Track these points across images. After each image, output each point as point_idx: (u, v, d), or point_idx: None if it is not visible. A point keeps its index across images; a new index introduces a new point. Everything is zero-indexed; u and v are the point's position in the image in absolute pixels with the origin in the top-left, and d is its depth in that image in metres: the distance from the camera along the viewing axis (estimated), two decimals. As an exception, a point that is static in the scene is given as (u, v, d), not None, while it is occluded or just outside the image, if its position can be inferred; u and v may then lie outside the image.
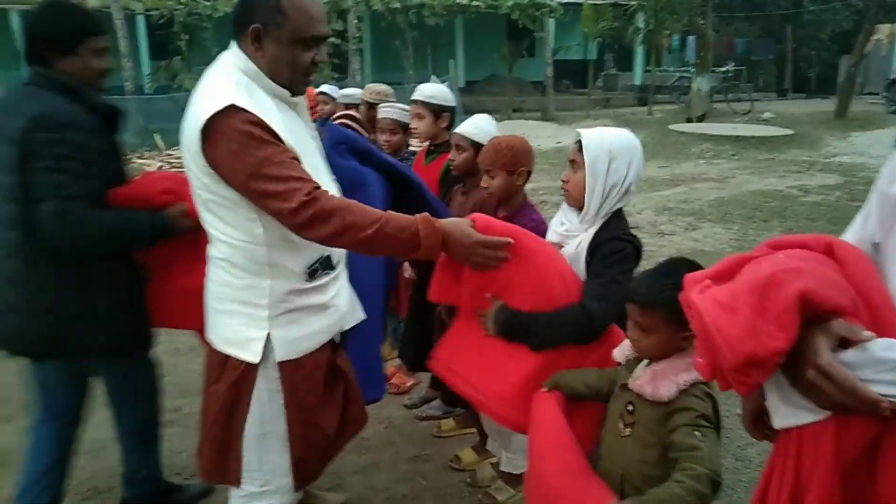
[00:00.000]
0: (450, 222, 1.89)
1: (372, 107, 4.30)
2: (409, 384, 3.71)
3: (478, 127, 2.89)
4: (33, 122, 2.01)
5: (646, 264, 5.78)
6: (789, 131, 13.83)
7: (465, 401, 2.17)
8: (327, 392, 2.03)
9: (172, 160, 11.18)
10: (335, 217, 1.72)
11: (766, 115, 15.94)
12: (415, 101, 3.30)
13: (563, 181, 2.10)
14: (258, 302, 1.87)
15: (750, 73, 22.87)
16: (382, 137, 3.63)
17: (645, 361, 1.73)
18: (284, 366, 1.90)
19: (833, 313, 1.08)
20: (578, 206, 2.08)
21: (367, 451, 3.16)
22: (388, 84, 4.60)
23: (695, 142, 13.20)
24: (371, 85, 4.72)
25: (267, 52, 1.83)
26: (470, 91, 19.72)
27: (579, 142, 2.05)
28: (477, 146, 2.83)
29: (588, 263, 2.02)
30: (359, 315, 2.20)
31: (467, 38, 20.05)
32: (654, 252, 6.33)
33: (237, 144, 1.70)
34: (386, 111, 3.63)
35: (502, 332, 1.97)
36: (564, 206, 2.18)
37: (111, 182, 2.20)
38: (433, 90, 3.33)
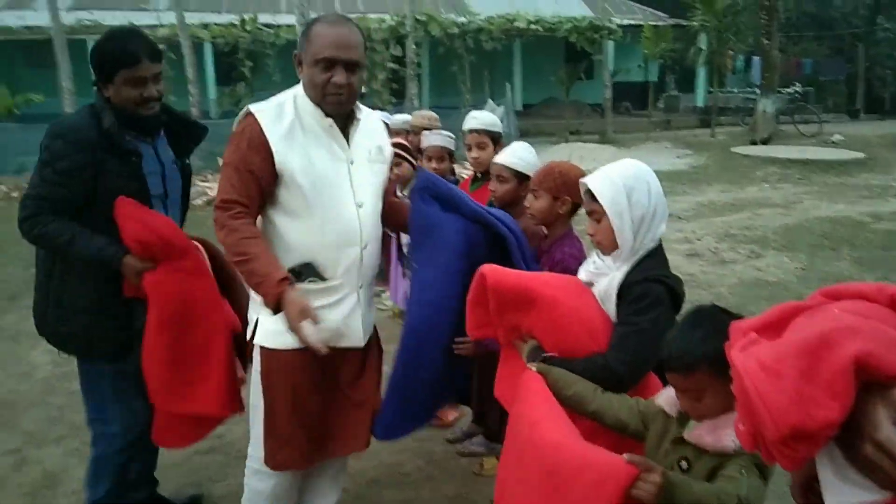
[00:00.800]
0: (292, 297, 1.93)
1: (419, 133, 4.30)
2: (451, 417, 3.62)
3: (519, 156, 2.81)
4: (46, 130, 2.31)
5: (705, 294, 5.58)
6: (861, 154, 13.26)
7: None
8: (304, 395, 2.18)
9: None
10: (223, 231, 2.04)
11: (836, 137, 15.34)
12: (475, 131, 3.24)
13: (591, 235, 1.99)
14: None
15: (818, 93, 22.13)
16: (430, 165, 3.60)
17: None
18: (263, 351, 2.18)
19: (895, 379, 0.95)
20: (613, 250, 1.98)
21: (405, 486, 3.09)
22: (445, 109, 4.57)
23: (759, 165, 12.78)
24: (419, 111, 4.70)
25: (303, 74, 2.14)
26: (527, 114, 19.65)
27: (588, 192, 1.95)
28: (520, 176, 2.76)
29: (618, 306, 1.92)
30: (354, 341, 2.26)
31: (525, 62, 20.02)
32: (715, 282, 6.10)
33: (234, 136, 2.11)
34: (432, 138, 3.60)
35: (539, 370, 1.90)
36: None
37: (107, 199, 2.31)
38: (490, 118, 3.30)
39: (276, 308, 1.93)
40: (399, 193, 4.25)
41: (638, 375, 1.85)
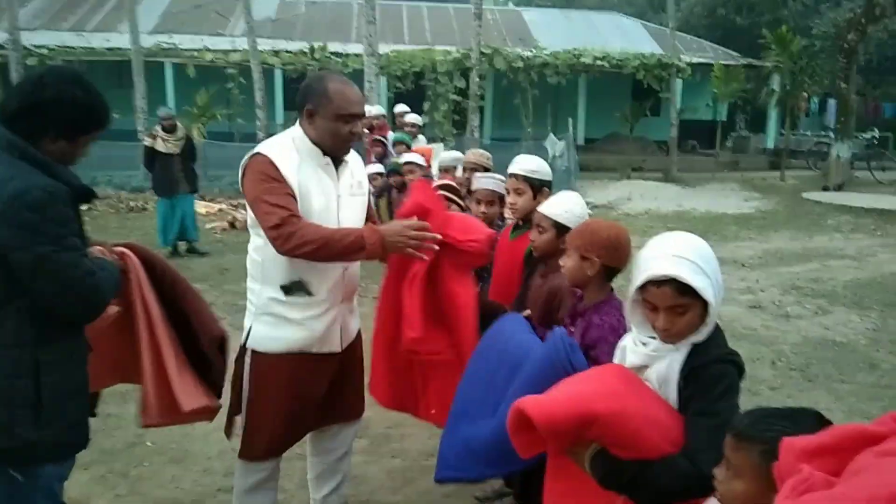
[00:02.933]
0: (385, 225, 2.53)
1: (472, 171, 4.20)
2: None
3: (563, 207, 2.65)
4: None
5: (765, 351, 5.27)
6: (943, 206, 12.53)
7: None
8: (290, 392, 2.54)
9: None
10: (294, 237, 2.29)
11: (916, 186, 14.59)
12: (514, 175, 3.11)
13: (665, 329, 1.74)
14: (253, 300, 2.57)
15: (898, 139, 21.19)
16: (479, 209, 3.49)
17: None
18: (254, 354, 2.54)
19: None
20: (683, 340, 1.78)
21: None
22: (506, 141, 4.46)
23: (831, 213, 12.22)
24: (473, 150, 4.61)
25: (316, 125, 2.47)
26: (589, 149, 19.42)
27: (664, 284, 1.69)
28: (560, 228, 2.60)
29: (681, 389, 1.72)
30: (333, 347, 2.62)
31: (589, 97, 19.83)
32: (777, 339, 5.76)
33: (254, 174, 2.40)
34: (483, 181, 3.48)
35: (603, 483, 1.72)
36: (636, 319, 1.86)
37: None
38: (534, 164, 3.14)
39: (384, 248, 2.40)
40: None
41: None
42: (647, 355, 1.82)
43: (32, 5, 21.41)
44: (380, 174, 6.45)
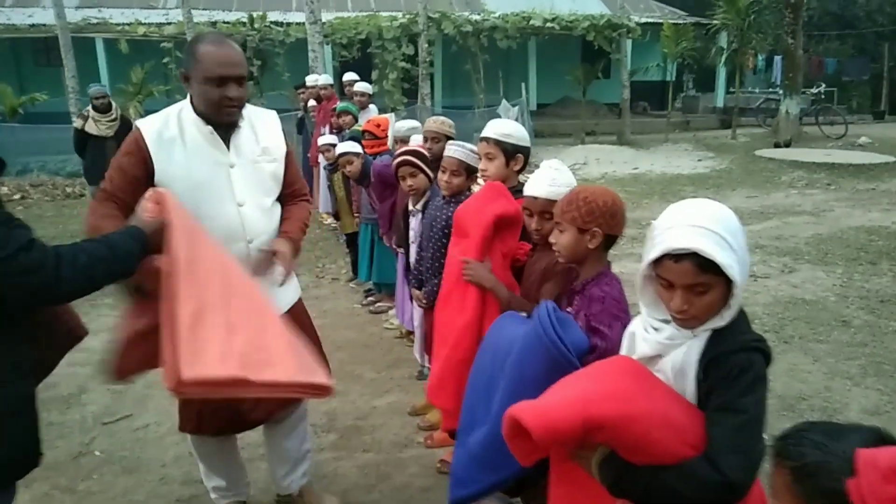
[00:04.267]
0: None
1: (438, 140, 3.94)
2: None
3: (561, 184, 2.38)
4: None
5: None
6: (890, 158, 12.72)
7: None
8: None
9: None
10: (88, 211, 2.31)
11: (863, 139, 14.80)
12: (486, 139, 2.85)
13: (682, 311, 1.50)
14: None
15: (842, 94, 21.54)
16: (443, 177, 3.24)
17: None
18: None
19: None
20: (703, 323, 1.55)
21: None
22: (459, 109, 4.21)
23: (785, 169, 12.30)
24: (433, 118, 4.31)
25: (192, 90, 2.34)
26: (542, 114, 19.22)
27: (683, 259, 1.46)
28: None
29: (699, 381, 1.50)
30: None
31: (540, 61, 19.56)
32: (748, 300, 5.66)
33: (123, 144, 2.38)
34: (451, 149, 3.22)
35: (614, 491, 1.50)
36: (647, 298, 1.63)
37: None
38: (507, 127, 2.86)
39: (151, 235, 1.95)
40: (412, 207, 3.88)
41: (752, 480, 1.42)
42: (660, 344, 1.60)
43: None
44: (332, 145, 6.10)
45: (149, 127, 2.33)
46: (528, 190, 2.43)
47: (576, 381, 1.58)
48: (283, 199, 2.60)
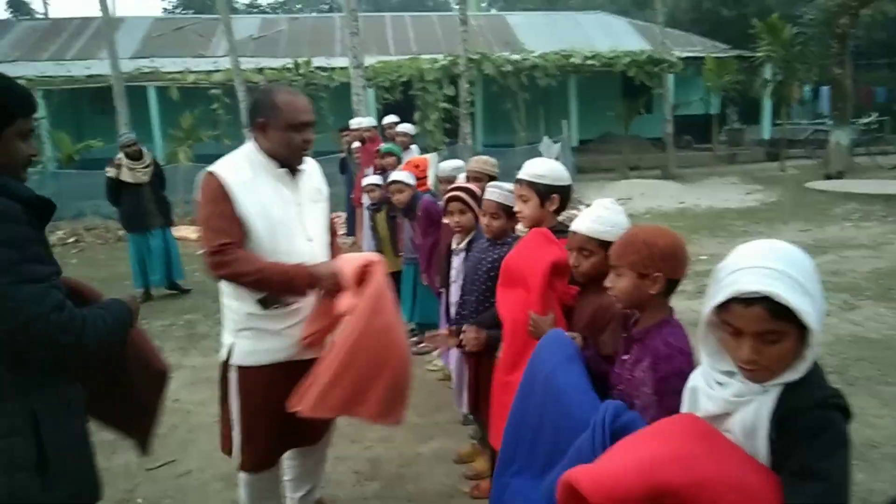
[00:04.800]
0: (319, 265, 2.56)
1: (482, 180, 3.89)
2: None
3: (607, 222, 2.28)
4: None
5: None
6: (951, 187, 12.26)
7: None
8: (276, 403, 2.48)
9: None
10: (227, 266, 2.38)
11: (920, 169, 14.32)
12: (519, 181, 2.79)
13: (749, 362, 1.39)
14: (231, 317, 2.60)
15: (894, 123, 20.94)
16: (483, 220, 3.17)
17: None
18: (239, 370, 2.58)
19: None
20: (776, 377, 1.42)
21: None
22: (499, 147, 4.16)
23: (838, 201, 11.92)
24: (476, 157, 4.27)
25: (269, 137, 2.51)
26: (584, 150, 19.12)
27: (753, 304, 1.35)
28: (608, 247, 2.26)
29: (772, 440, 1.37)
30: (314, 353, 2.58)
31: (581, 97, 19.54)
32: (806, 338, 5.41)
33: (203, 194, 2.46)
34: (489, 192, 3.15)
35: None
36: (710, 347, 1.51)
37: None
38: (540, 167, 2.79)
39: (313, 284, 2.49)
40: (455, 245, 3.81)
41: None
42: (727, 402, 1.46)
43: (9, 37, 21.12)
44: (376, 185, 6.11)
45: (225, 173, 2.46)
46: (573, 224, 2.35)
47: (638, 444, 1.47)
48: None
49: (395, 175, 5.20)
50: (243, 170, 2.49)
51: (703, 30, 23.73)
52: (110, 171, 7.26)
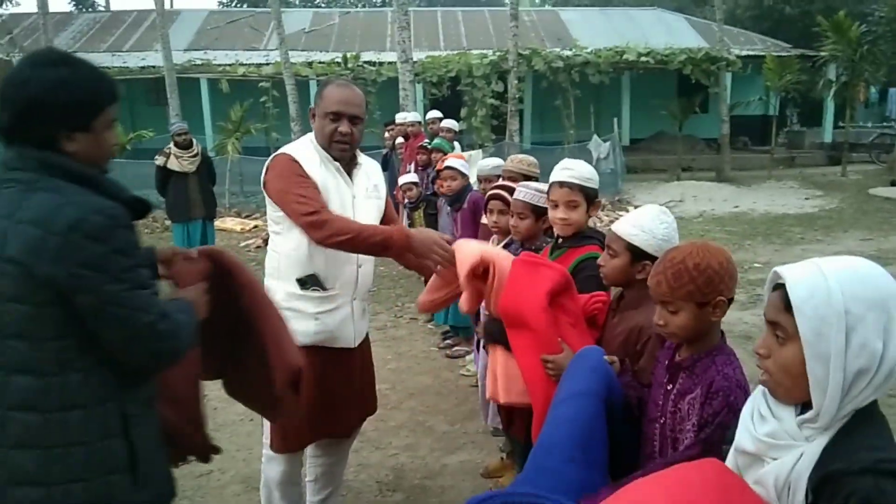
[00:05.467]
0: (418, 230, 2.59)
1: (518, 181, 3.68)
2: None
3: (641, 226, 2.08)
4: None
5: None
6: None
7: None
8: (306, 387, 2.29)
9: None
10: (328, 226, 2.37)
11: None
12: (566, 185, 2.55)
13: (762, 356, 1.25)
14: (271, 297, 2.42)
15: (968, 127, 19.84)
16: (511, 221, 3.00)
17: None
18: None
19: None
20: (796, 399, 1.24)
21: None
22: (548, 146, 3.96)
23: (904, 209, 11.30)
24: (515, 156, 4.08)
25: (315, 125, 2.61)
26: (635, 149, 18.64)
27: (780, 288, 1.23)
28: (637, 253, 2.05)
29: None
30: (346, 342, 2.65)
31: (633, 95, 19.04)
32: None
33: (279, 170, 2.50)
34: (518, 191, 2.97)
35: None
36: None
37: None
38: (587, 170, 2.59)
39: (409, 247, 2.45)
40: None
41: None
42: (760, 441, 1.25)
43: (71, 28, 21.70)
44: (415, 184, 5.96)
45: (297, 154, 2.53)
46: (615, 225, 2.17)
47: (650, 490, 1.27)
48: None
49: (449, 161, 5.03)
50: (311, 154, 2.55)
51: (763, 28, 22.91)
52: (159, 160, 7.43)
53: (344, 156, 2.58)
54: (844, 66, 16.21)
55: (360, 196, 2.65)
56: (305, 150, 2.55)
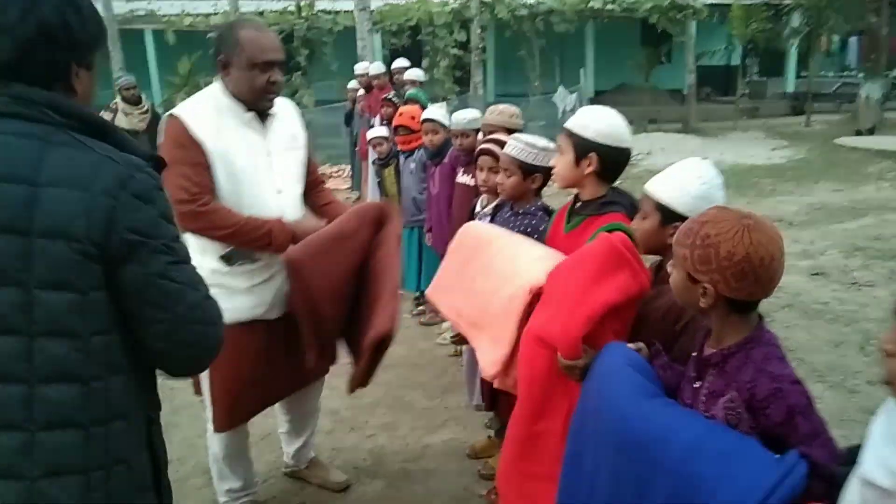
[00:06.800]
0: (299, 222, 2.45)
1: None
2: None
3: (673, 183, 1.77)
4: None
5: (848, 332, 4.44)
6: None
7: None
8: (247, 363, 2.43)
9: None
10: (201, 218, 2.23)
11: (957, 125, 13.56)
12: (582, 139, 2.12)
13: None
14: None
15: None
16: (497, 178, 2.67)
17: None
18: None
19: None
20: None
21: None
22: (512, 97, 3.58)
23: (871, 159, 11.23)
24: (495, 106, 3.70)
25: (232, 77, 2.30)
26: (600, 101, 18.17)
27: None
28: (668, 214, 1.74)
29: None
30: (280, 312, 2.49)
31: (598, 45, 18.63)
32: (855, 314, 4.90)
33: (167, 137, 2.27)
34: (511, 146, 2.62)
35: None
36: None
37: None
38: (589, 118, 2.19)
39: (293, 241, 2.33)
40: (480, 208, 3.26)
41: None
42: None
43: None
44: (384, 138, 5.53)
45: (189, 116, 2.26)
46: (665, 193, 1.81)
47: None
48: (307, 185, 2.63)
49: (430, 112, 4.61)
50: (207, 113, 2.29)
51: (727, -25, 22.57)
52: (105, 116, 6.76)
53: (268, 106, 2.36)
54: (810, 14, 16.03)
55: (279, 150, 2.43)
56: (204, 108, 2.29)
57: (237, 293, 2.38)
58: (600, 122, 2.12)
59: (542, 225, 2.53)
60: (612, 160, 2.12)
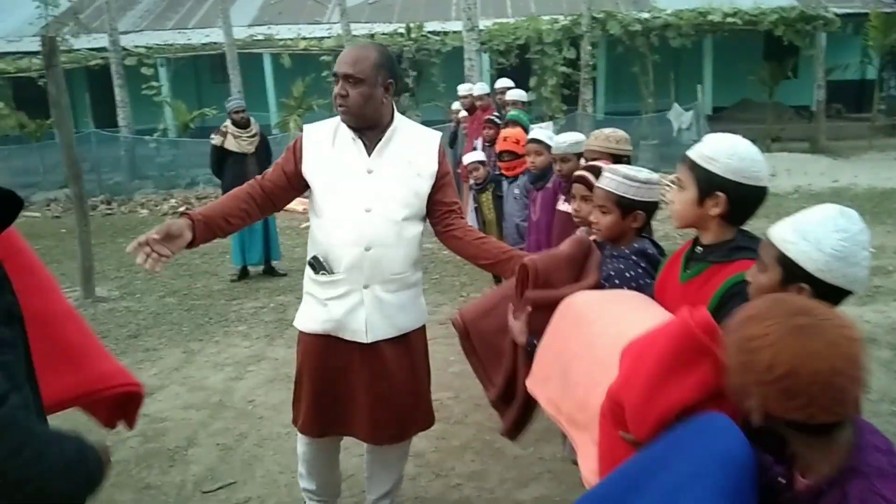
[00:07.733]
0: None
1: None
2: None
3: (804, 234, 1.46)
4: None
5: None
6: None
7: None
8: (319, 373, 2.53)
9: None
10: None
11: None
12: (702, 170, 1.78)
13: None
14: None
15: None
16: (591, 215, 2.37)
17: None
18: (299, 333, 2.62)
19: None
20: None
21: None
22: (623, 115, 3.25)
23: None
24: (599, 131, 3.40)
25: None
26: (719, 119, 17.34)
27: None
28: (792, 271, 1.42)
29: None
30: (356, 336, 2.46)
31: (717, 60, 17.69)
32: None
33: None
34: (607, 179, 2.29)
35: None
36: None
37: None
38: (717, 149, 1.83)
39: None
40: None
41: None
42: None
43: (139, 7, 21.78)
44: (481, 163, 5.33)
45: (309, 128, 2.54)
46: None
47: None
48: (440, 215, 2.58)
49: (535, 133, 4.38)
50: (326, 129, 2.49)
51: (862, -18, 20.95)
52: (215, 139, 6.96)
53: (347, 121, 2.40)
54: (960, 22, 14.53)
55: (383, 172, 2.43)
56: (326, 123, 2.51)
57: (316, 303, 2.51)
58: (731, 156, 1.74)
59: (632, 271, 2.18)
60: (744, 201, 1.76)
